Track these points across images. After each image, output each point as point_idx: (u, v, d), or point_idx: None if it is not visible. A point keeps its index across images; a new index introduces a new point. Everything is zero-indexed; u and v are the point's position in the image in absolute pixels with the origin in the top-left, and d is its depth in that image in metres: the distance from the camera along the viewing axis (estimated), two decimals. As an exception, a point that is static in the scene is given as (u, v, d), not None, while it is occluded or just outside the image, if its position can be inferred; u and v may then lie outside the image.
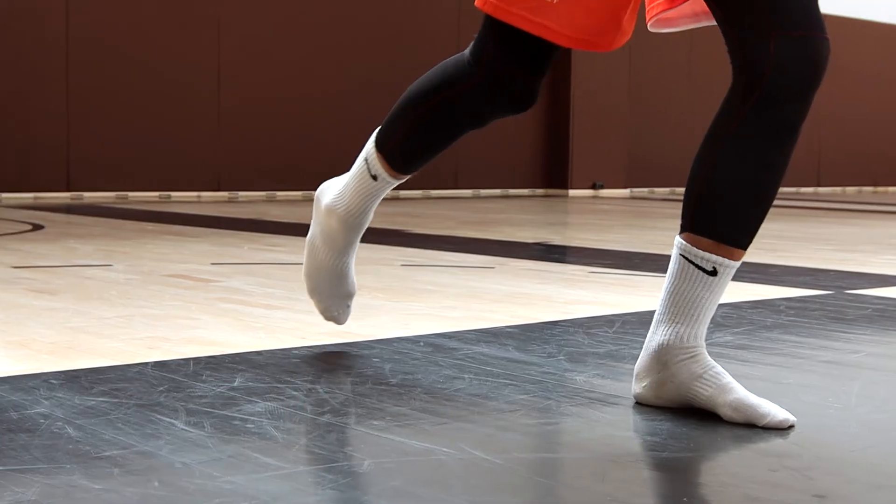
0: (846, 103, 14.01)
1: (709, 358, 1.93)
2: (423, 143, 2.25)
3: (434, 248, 4.99)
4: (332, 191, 2.40)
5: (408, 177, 2.33)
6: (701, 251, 1.91)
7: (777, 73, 1.86)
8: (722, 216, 1.91)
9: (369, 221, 2.40)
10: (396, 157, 2.28)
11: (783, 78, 1.87)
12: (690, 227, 1.93)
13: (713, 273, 1.91)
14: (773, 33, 1.86)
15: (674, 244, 1.96)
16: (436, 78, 2.22)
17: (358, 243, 2.43)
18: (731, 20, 1.90)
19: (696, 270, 1.92)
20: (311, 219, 2.47)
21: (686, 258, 1.92)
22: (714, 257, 1.91)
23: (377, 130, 2.30)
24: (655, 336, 1.96)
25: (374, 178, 2.31)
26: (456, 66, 2.19)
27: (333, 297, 2.45)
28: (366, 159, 2.31)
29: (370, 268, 4.08)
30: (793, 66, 1.87)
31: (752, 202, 1.91)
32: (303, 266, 2.47)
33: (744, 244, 1.93)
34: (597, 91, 10.96)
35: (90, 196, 8.26)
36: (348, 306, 2.47)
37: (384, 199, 2.52)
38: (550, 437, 1.79)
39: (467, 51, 2.18)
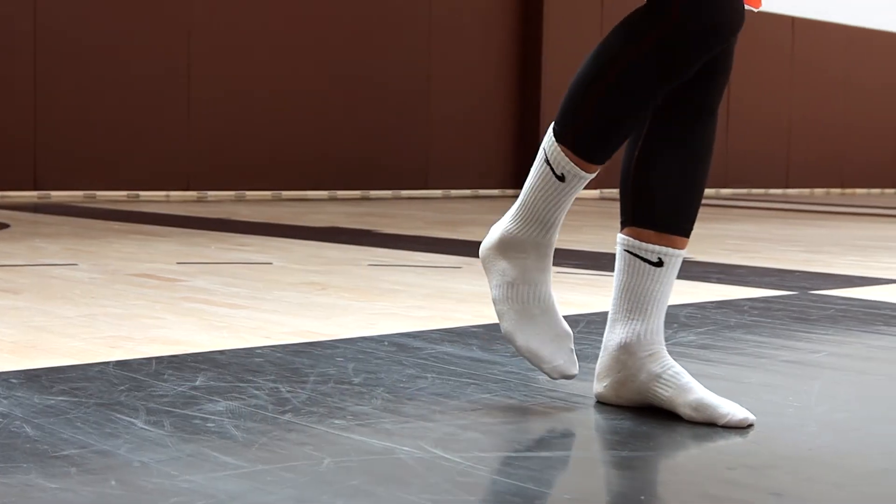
0: (815, 106, 14.10)
1: (668, 356, 1.94)
2: (617, 118, 1.90)
3: (402, 248, 4.98)
4: (496, 231, 2.04)
5: (599, 168, 1.97)
6: (644, 243, 1.93)
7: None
8: (659, 206, 1.93)
9: (554, 242, 2.04)
10: (586, 142, 1.92)
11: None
12: (631, 220, 1.95)
13: (659, 264, 1.93)
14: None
15: (616, 242, 1.97)
16: (611, 46, 1.89)
17: (550, 268, 2.05)
18: None
19: (643, 263, 1.93)
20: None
21: (631, 252, 1.94)
22: (658, 248, 1.93)
23: (552, 125, 1.97)
24: (613, 335, 1.97)
25: (562, 178, 1.95)
26: (629, 25, 1.89)
27: (551, 340, 2.03)
28: (546, 160, 1.96)
29: (338, 268, 4.07)
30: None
31: (684, 188, 1.94)
32: (502, 328, 2.04)
33: (685, 231, 1.95)
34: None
35: (58, 195, 8.21)
36: (571, 350, 2.04)
37: (354, 199, 2.50)
38: (511, 437, 1.79)
39: (645, 4, 1.88)
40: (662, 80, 1.86)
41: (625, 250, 1.95)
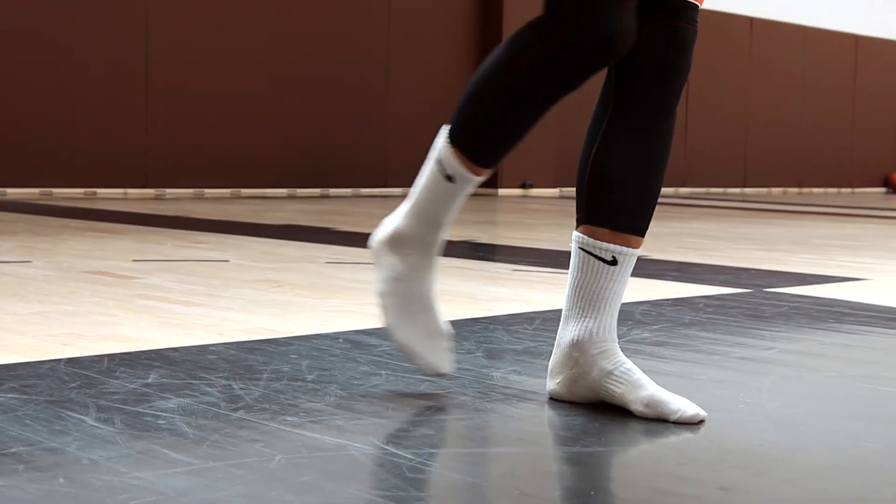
0: (772, 106, 14.20)
1: (620, 353, 1.95)
2: (506, 124, 1.93)
3: (360, 245, 4.98)
4: (388, 224, 2.08)
5: (488, 173, 2.01)
6: (599, 241, 1.94)
7: (645, 59, 1.93)
8: (615, 205, 1.94)
9: (443, 238, 2.07)
10: (476, 146, 1.96)
11: (651, 64, 1.93)
12: (586, 219, 1.96)
13: (613, 263, 1.94)
14: (642, 23, 1.92)
15: (572, 239, 1.98)
16: (507, 51, 1.92)
17: (435, 268, 2.08)
18: None
19: (597, 262, 1.94)
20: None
21: (585, 250, 1.95)
22: (612, 246, 1.94)
23: (447, 127, 2.00)
24: (566, 333, 1.97)
25: (450, 178, 1.99)
26: (528, 31, 1.92)
27: (427, 337, 2.06)
28: (438, 160, 2.00)
29: (294, 265, 4.06)
30: (659, 53, 1.93)
31: (640, 187, 1.95)
32: (382, 321, 2.07)
33: (640, 230, 1.96)
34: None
35: (13, 192, 8.14)
36: (446, 349, 2.06)
37: (313, 197, 2.49)
38: (463, 433, 1.80)
39: (541, 15, 1.92)
40: (552, 90, 1.91)
41: (579, 248, 1.96)
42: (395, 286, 2.05)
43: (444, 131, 1.99)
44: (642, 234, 1.97)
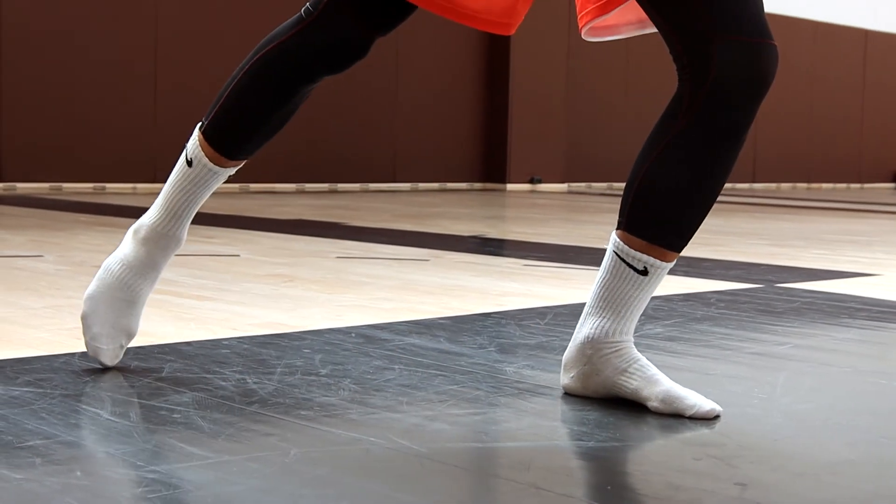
0: (781, 101, 14.18)
1: (634, 351, 1.95)
2: (246, 110, 1.97)
3: (370, 240, 4.98)
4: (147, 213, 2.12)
5: (231, 166, 2.04)
6: (633, 251, 1.91)
7: (720, 78, 1.82)
8: (657, 219, 1.89)
9: (182, 240, 2.08)
10: (217, 133, 2.00)
11: (727, 84, 1.82)
12: (626, 225, 1.92)
13: (644, 273, 1.92)
14: (717, 38, 1.81)
15: (609, 239, 1.97)
16: (261, 41, 2.00)
17: (161, 272, 2.11)
18: (672, 26, 1.85)
19: (628, 269, 1.92)
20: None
21: (619, 256, 1.93)
22: (646, 258, 1.91)
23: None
24: (583, 329, 1.97)
25: (189, 163, 2.03)
26: (284, 23, 2.00)
27: (111, 325, 2.06)
28: (186, 146, 2.05)
29: (305, 260, 4.07)
30: (737, 72, 1.82)
31: (688, 207, 1.89)
32: (88, 289, 2.11)
33: (677, 247, 1.91)
34: (535, 86, 11.00)
35: (23, 187, 8.15)
36: (122, 347, 2.07)
37: (322, 192, 2.48)
38: (477, 427, 1.80)
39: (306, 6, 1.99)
40: (290, 79, 1.96)
41: (613, 252, 1.94)
42: (117, 266, 2.09)
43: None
44: (679, 251, 1.93)
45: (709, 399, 1.89)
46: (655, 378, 1.91)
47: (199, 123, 2.04)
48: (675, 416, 1.86)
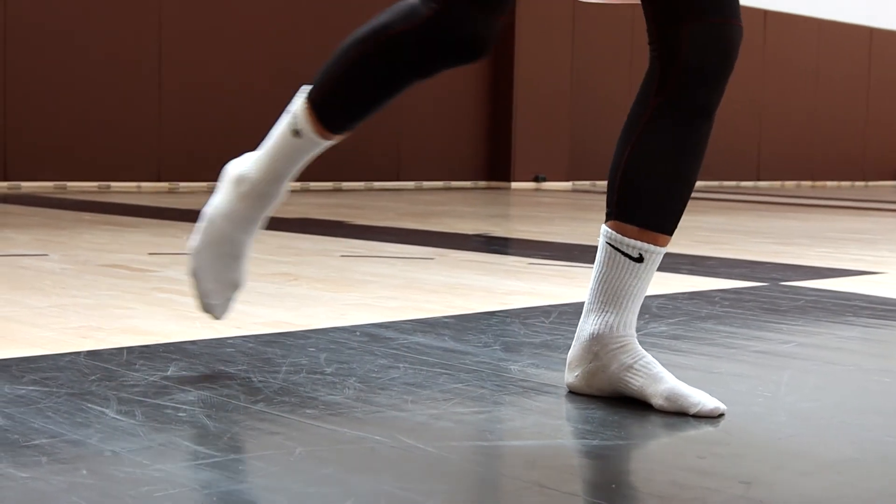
0: (786, 99, 14.17)
1: (639, 347, 1.95)
2: (357, 93, 1.98)
3: (374, 239, 4.98)
4: (245, 160, 2.12)
5: (336, 138, 2.05)
6: (626, 238, 1.93)
7: (689, 59, 1.89)
8: (645, 203, 1.93)
9: (281, 196, 2.11)
10: (326, 109, 2.01)
11: (695, 64, 1.89)
12: (615, 214, 1.95)
13: (639, 260, 1.93)
14: (687, 19, 1.88)
15: (600, 233, 1.98)
16: (377, 20, 1.97)
17: (261, 223, 2.14)
18: (651, 5, 1.92)
19: (623, 258, 1.94)
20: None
21: (612, 246, 1.94)
22: (639, 244, 1.93)
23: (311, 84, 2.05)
24: (586, 326, 1.97)
25: (297, 133, 2.03)
26: (402, 6, 1.95)
27: (217, 282, 2.13)
28: (292, 113, 2.04)
29: (310, 259, 4.07)
30: (704, 53, 1.89)
31: (672, 187, 1.93)
32: (191, 242, 2.16)
33: (668, 230, 1.95)
34: (539, 84, 11.00)
35: (28, 186, 8.16)
36: (230, 300, 2.15)
37: (326, 191, 2.49)
38: (483, 426, 1.80)
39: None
40: (399, 72, 1.95)
41: (607, 243, 1.95)
42: (219, 220, 2.11)
43: (306, 87, 2.03)
44: (670, 234, 1.95)
45: (713, 397, 1.89)
46: (660, 376, 1.91)
47: (306, 93, 2.03)
48: (680, 415, 1.87)
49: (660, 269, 3.96)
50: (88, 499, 1.35)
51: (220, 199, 2.13)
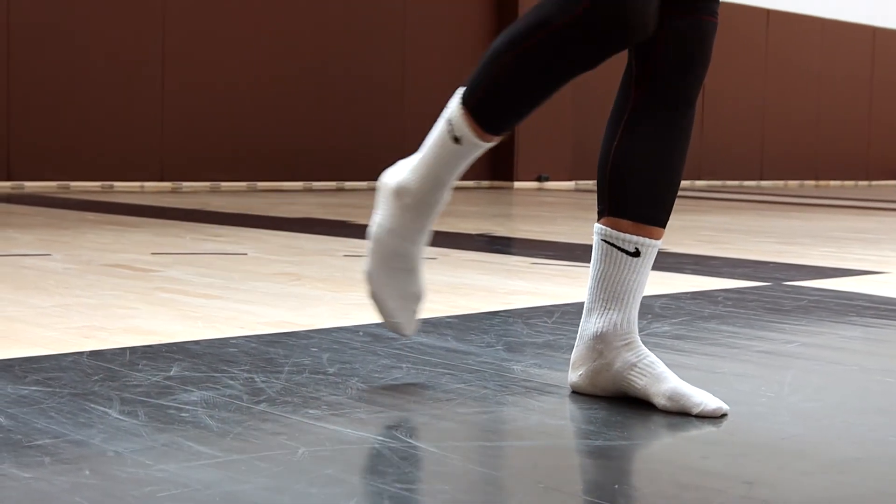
0: (789, 98, 14.16)
1: (643, 346, 1.96)
2: (517, 93, 1.92)
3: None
4: (400, 170, 2.08)
5: (496, 140, 2.00)
6: (622, 233, 1.94)
7: (664, 51, 1.92)
8: (636, 196, 1.94)
9: (446, 202, 2.07)
10: (485, 112, 1.95)
11: (670, 56, 1.92)
12: (608, 210, 1.97)
13: (636, 254, 1.94)
14: (664, 15, 1.91)
15: (594, 232, 1.99)
16: (529, 18, 1.90)
17: (430, 232, 2.10)
18: None
19: (620, 253, 1.94)
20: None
21: (608, 242, 1.95)
22: (635, 238, 1.94)
23: (463, 87, 1.99)
24: (589, 325, 1.98)
25: (457, 140, 1.97)
26: (545, 6, 1.89)
27: (401, 297, 2.10)
28: (448, 120, 1.98)
29: (312, 258, 4.07)
30: (680, 45, 1.92)
31: (662, 179, 1.95)
32: (364, 266, 2.12)
33: (661, 221, 1.96)
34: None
35: (31, 186, 8.17)
36: (415, 312, 2.12)
37: (329, 190, 2.50)
38: (485, 426, 1.80)
39: None
40: (564, 66, 1.88)
41: (602, 240, 1.96)
42: (387, 237, 2.07)
43: (459, 92, 1.98)
44: (664, 226, 1.97)
45: (716, 397, 1.89)
46: (663, 376, 1.91)
47: (459, 97, 1.98)
48: (682, 415, 1.87)
49: (663, 268, 3.96)
50: (91, 499, 1.35)
51: (383, 214, 2.08)
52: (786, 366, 2.32)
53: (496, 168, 10.99)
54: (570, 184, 11.20)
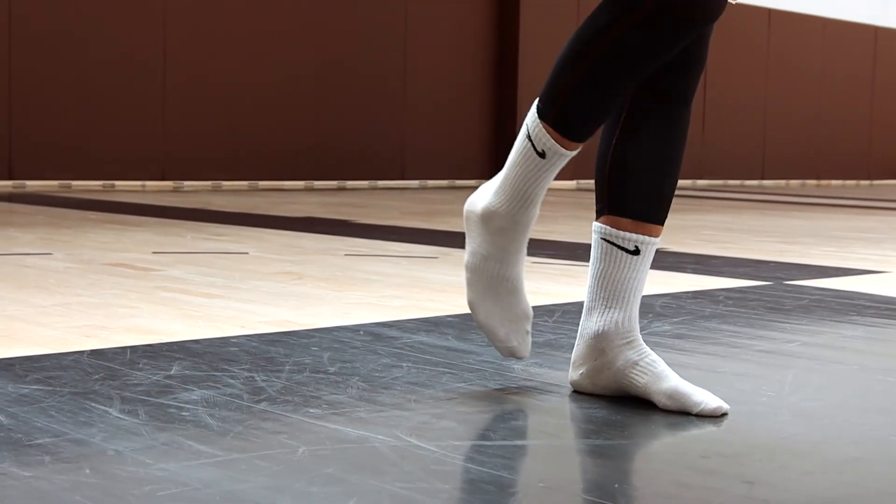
0: (790, 98, 14.15)
1: (644, 344, 1.96)
2: (596, 96, 1.92)
3: (379, 238, 4.99)
4: (485, 194, 2.06)
5: (579, 147, 1.98)
6: (622, 232, 1.95)
7: None
8: (636, 194, 1.95)
9: (535, 219, 2.05)
10: (568, 122, 1.94)
11: (669, 59, 1.92)
12: (607, 209, 1.97)
13: (636, 252, 1.94)
14: None
15: (592, 230, 1.99)
16: (592, 26, 1.90)
17: (526, 249, 2.08)
18: None
19: (619, 252, 1.95)
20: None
21: (608, 241, 1.95)
22: (634, 236, 1.94)
23: (536, 101, 1.99)
24: (590, 323, 1.98)
25: (542, 154, 1.97)
26: (609, 6, 1.88)
27: (510, 321, 2.06)
28: (528, 136, 1.98)
29: (313, 257, 4.07)
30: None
31: (660, 177, 1.96)
32: (466, 296, 2.09)
33: (660, 219, 1.97)
34: (542, 84, 10.99)
35: (33, 185, 8.17)
36: (528, 332, 2.08)
37: (330, 190, 2.50)
38: (486, 425, 1.80)
39: None
40: (640, 62, 1.88)
41: (601, 238, 1.96)
42: (484, 264, 2.05)
43: (534, 107, 1.98)
44: (662, 223, 1.98)
45: (716, 396, 1.90)
46: (664, 374, 1.91)
47: (535, 110, 1.97)
48: (683, 414, 1.87)
49: (664, 267, 3.96)
50: (91, 498, 1.36)
51: (476, 243, 2.06)
52: (787, 365, 2.32)
53: (498, 167, 10.99)
54: (572, 183, 11.20)
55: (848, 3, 14.85)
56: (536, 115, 1.97)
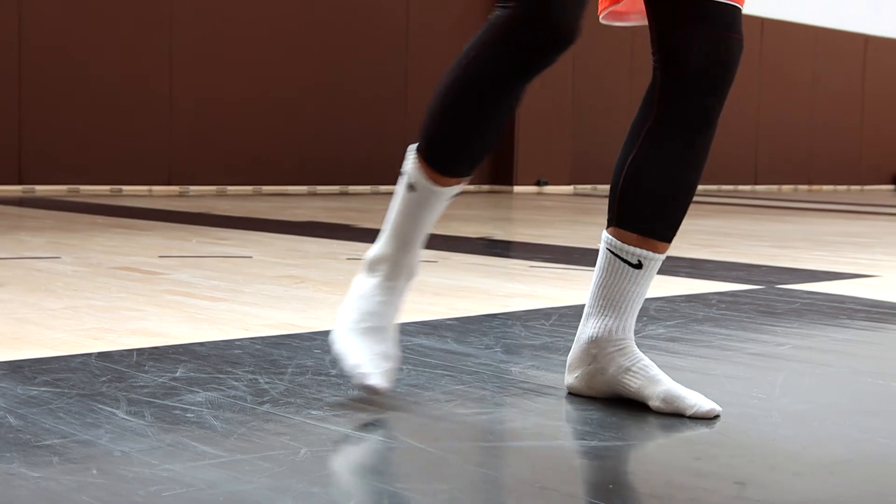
0: (783, 104, 14.19)
1: (637, 350, 1.99)
2: (459, 129, 1.88)
3: (379, 242, 5.01)
4: (371, 249, 2.04)
5: (457, 183, 1.93)
6: (626, 245, 1.97)
7: (690, 66, 1.92)
8: (645, 211, 1.96)
9: (415, 268, 2.00)
10: (434, 153, 1.91)
11: (696, 71, 1.92)
12: (616, 221, 1.98)
13: (638, 266, 1.97)
14: (689, 27, 1.91)
15: (601, 239, 2.02)
16: (462, 51, 1.89)
17: (402, 295, 2.00)
18: (655, 17, 1.96)
19: (622, 264, 1.97)
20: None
21: (612, 252, 1.98)
22: (639, 251, 1.97)
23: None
24: (586, 329, 2.01)
25: (412, 188, 1.93)
26: (482, 28, 1.87)
27: (367, 355, 1.94)
28: (403, 172, 1.95)
29: (316, 262, 4.11)
30: (706, 61, 1.92)
31: (673, 196, 1.96)
32: (335, 328, 2.01)
33: (668, 237, 1.98)
34: (541, 89, 11.02)
35: (42, 189, 8.21)
36: (386, 370, 1.93)
37: (333, 195, 2.50)
38: (484, 427, 1.83)
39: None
40: (494, 85, 1.85)
41: (607, 249, 1.99)
42: (355, 303, 2.00)
43: (413, 145, 1.96)
44: (669, 241, 1.99)
45: (709, 399, 1.93)
46: (657, 378, 1.95)
47: (415, 146, 1.94)
48: (676, 416, 1.90)
49: (658, 272, 3.99)
50: (98, 498, 1.39)
51: (354, 286, 2.03)
52: (778, 368, 2.35)
53: (496, 172, 11.02)
54: (569, 188, 11.22)
55: (839, 13, 14.89)
56: (414, 148, 1.95)
